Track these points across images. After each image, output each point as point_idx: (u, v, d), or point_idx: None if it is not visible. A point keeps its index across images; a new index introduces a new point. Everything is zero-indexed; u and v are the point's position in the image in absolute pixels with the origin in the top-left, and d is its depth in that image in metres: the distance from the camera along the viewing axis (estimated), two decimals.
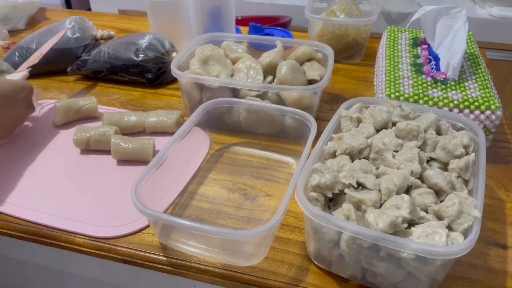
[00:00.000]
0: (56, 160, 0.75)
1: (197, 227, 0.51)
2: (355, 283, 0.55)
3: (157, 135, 0.79)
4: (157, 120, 0.79)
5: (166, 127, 0.79)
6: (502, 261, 0.58)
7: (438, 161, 0.58)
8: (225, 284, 0.57)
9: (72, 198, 0.67)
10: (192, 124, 0.70)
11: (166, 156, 0.64)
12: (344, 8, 1.04)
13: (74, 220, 0.63)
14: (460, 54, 0.76)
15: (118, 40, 0.99)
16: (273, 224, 0.50)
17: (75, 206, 0.66)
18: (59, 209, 0.65)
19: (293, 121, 0.76)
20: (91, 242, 0.60)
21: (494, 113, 0.72)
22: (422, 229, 0.47)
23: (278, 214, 0.51)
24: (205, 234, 0.51)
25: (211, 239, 0.57)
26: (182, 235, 0.59)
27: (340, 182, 0.53)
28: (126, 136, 0.75)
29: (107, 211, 0.65)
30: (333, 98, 0.92)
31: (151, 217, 0.55)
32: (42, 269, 0.78)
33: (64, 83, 0.98)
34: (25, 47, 0.99)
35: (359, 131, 0.62)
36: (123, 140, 0.73)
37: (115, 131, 0.75)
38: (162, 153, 0.63)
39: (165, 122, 0.79)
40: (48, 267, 0.76)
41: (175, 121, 0.79)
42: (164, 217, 0.53)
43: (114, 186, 0.69)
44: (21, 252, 0.74)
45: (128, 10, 1.85)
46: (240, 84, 0.77)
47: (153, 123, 0.79)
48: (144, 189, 0.58)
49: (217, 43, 0.88)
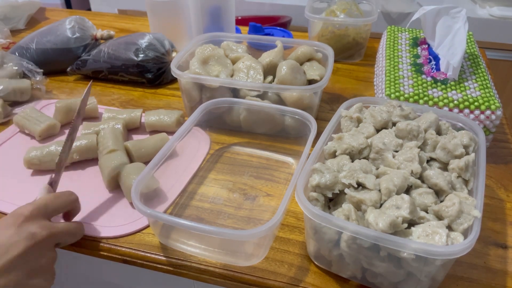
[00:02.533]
0: None
1: (197, 227, 0.51)
2: (355, 283, 0.55)
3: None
4: (157, 118, 0.79)
5: (166, 126, 0.79)
6: (502, 261, 0.58)
7: (438, 161, 0.58)
8: (225, 284, 0.57)
9: None
10: (192, 124, 0.70)
11: (166, 156, 0.64)
12: (344, 8, 1.04)
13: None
14: (460, 54, 0.76)
15: (118, 40, 0.99)
16: (273, 224, 0.50)
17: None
18: None
19: (293, 121, 0.76)
20: (91, 242, 0.60)
21: (494, 113, 0.72)
22: (422, 229, 0.47)
23: (278, 214, 0.51)
24: (205, 234, 0.51)
25: (211, 239, 0.57)
26: (182, 235, 0.59)
27: (340, 182, 0.53)
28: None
29: (107, 211, 0.65)
30: (333, 98, 0.92)
31: (151, 217, 0.55)
32: None
33: (64, 83, 0.98)
34: (25, 47, 0.99)
35: (359, 131, 0.62)
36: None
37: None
38: (162, 152, 0.63)
39: (165, 121, 0.79)
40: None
41: (175, 120, 0.79)
42: (164, 217, 0.53)
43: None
44: None
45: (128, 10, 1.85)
46: (240, 84, 0.77)
47: (154, 121, 0.79)
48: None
49: (217, 43, 0.88)
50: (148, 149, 0.72)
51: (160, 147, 0.65)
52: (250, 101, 0.75)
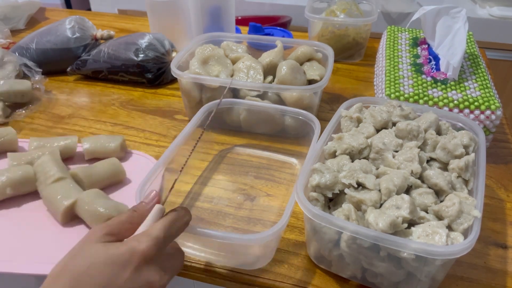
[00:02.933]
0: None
1: (204, 232, 0.50)
2: (355, 283, 0.55)
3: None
4: (99, 145, 0.71)
5: (110, 152, 0.71)
6: (502, 261, 0.58)
7: (438, 161, 0.58)
8: (225, 284, 0.57)
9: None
10: (195, 124, 0.70)
11: (170, 158, 0.63)
12: (344, 8, 1.04)
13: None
14: (460, 54, 0.76)
15: (118, 40, 0.99)
16: (281, 227, 0.50)
17: None
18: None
19: (293, 121, 0.76)
20: None
21: (494, 113, 0.72)
22: (422, 229, 0.47)
23: (286, 216, 0.51)
24: (212, 238, 0.50)
25: (217, 243, 0.56)
26: (188, 239, 0.57)
27: (340, 182, 0.53)
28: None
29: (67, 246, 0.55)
30: (333, 98, 0.92)
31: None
32: None
33: (64, 83, 0.98)
34: (25, 47, 0.99)
35: (359, 131, 0.62)
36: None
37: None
38: (166, 155, 0.62)
39: (109, 147, 0.71)
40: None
41: (119, 144, 0.72)
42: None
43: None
44: None
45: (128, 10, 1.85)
46: (240, 84, 0.77)
47: (95, 148, 0.71)
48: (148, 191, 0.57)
49: (217, 43, 0.88)
50: (100, 175, 0.65)
51: (112, 173, 0.60)
52: (252, 102, 0.75)
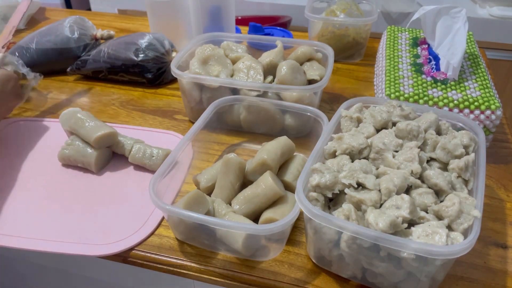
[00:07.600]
0: (38, 179, 0.72)
1: (219, 222, 0.52)
2: (355, 283, 0.55)
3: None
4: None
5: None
6: (502, 261, 0.58)
7: (438, 161, 0.58)
8: (225, 284, 0.57)
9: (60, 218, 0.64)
10: (203, 123, 0.70)
11: (178, 156, 0.64)
12: (344, 8, 1.04)
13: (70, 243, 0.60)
14: (460, 54, 0.76)
15: (118, 40, 0.99)
16: (293, 217, 0.52)
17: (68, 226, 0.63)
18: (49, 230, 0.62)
19: (293, 121, 0.76)
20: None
21: (494, 113, 0.72)
22: (422, 229, 0.47)
23: (298, 207, 0.52)
24: (227, 229, 0.52)
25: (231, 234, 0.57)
26: (200, 233, 0.58)
27: (340, 182, 0.53)
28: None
29: (104, 227, 0.63)
30: (333, 98, 0.92)
31: (171, 213, 0.55)
32: (43, 269, 0.78)
33: (64, 83, 0.98)
34: (25, 47, 0.99)
35: (359, 131, 0.62)
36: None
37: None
38: (175, 153, 0.63)
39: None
40: (50, 267, 0.76)
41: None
42: (184, 212, 0.53)
43: (103, 202, 0.67)
44: (17, 254, 0.74)
45: (128, 10, 1.85)
46: (240, 84, 0.77)
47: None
48: (158, 188, 0.58)
49: (217, 43, 0.88)
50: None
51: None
52: (257, 98, 0.75)
